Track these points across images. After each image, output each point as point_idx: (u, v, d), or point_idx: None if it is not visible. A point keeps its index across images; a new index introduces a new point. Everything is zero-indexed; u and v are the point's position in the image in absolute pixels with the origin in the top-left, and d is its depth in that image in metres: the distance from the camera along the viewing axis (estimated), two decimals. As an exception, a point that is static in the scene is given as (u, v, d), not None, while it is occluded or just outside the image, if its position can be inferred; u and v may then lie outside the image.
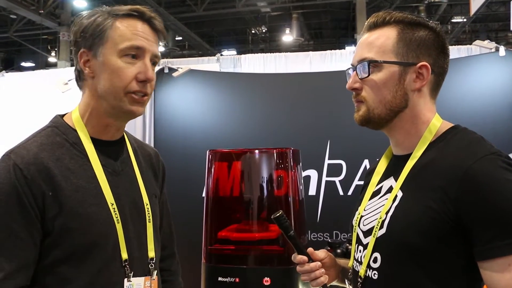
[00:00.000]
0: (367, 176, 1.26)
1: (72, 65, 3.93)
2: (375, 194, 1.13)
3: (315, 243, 3.50)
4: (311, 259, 1.17)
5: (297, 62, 4.57)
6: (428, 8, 13.46)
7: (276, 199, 2.79)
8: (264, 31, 16.17)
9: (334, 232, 3.57)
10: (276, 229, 2.67)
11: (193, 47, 16.16)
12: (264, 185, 2.81)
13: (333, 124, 3.69)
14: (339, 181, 3.65)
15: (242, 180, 2.88)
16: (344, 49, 6.39)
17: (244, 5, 12.54)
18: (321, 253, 1.21)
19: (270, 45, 17.01)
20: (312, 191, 3.66)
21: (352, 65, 1.11)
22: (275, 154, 2.79)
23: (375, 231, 1.03)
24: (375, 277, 1.03)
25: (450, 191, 0.92)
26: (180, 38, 14.81)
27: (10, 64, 17.75)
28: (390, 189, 1.08)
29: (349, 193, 3.60)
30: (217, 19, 14.38)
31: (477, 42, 3.89)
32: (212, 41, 16.58)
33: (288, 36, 14.78)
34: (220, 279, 2.61)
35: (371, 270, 1.05)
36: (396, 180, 1.07)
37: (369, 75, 1.05)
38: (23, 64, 17.79)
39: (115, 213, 1.11)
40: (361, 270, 1.07)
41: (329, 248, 2.67)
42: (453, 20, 14.76)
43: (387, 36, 1.06)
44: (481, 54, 3.74)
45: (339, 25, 15.67)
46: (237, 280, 2.58)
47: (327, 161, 3.68)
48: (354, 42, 13.28)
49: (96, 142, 1.15)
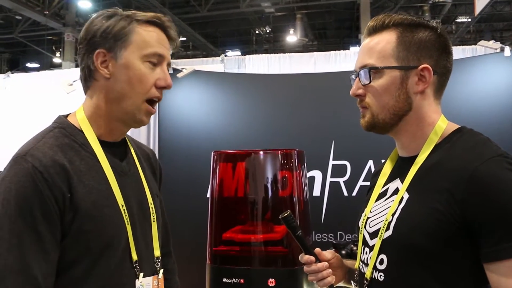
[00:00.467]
0: (373, 177, 1.27)
1: (77, 66, 3.95)
2: (381, 196, 1.13)
3: (320, 244, 3.49)
4: (318, 259, 1.18)
5: (301, 62, 4.57)
6: (433, 8, 13.40)
7: (280, 200, 2.78)
8: (268, 31, 16.16)
9: (339, 232, 3.57)
10: (280, 230, 2.67)
11: (197, 48, 16.18)
12: (269, 186, 2.80)
13: (338, 124, 3.68)
14: (344, 181, 3.65)
15: (247, 181, 2.88)
16: (349, 49, 6.39)
17: (248, 6, 12.55)
18: (328, 254, 1.22)
19: (274, 45, 17.03)
20: (316, 192, 3.66)
21: (354, 71, 1.11)
22: (279, 155, 2.79)
23: (381, 233, 1.03)
24: (381, 278, 1.04)
25: (456, 193, 0.92)
26: (184, 38, 14.80)
27: (15, 65, 17.85)
28: (396, 191, 1.08)
29: (354, 193, 3.59)
30: (221, 19, 14.41)
31: (482, 42, 3.87)
32: (216, 41, 16.58)
33: (292, 37, 14.77)
34: (225, 280, 2.61)
35: (377, 271, 1.05)
36: (402, 182, 1.06)
37: (370, 81, 1.05)
38: (28, 65, 17.87)
39: (125, 214, 1.12)
40: (367, 271, 1.07)
41: (334, 249, 2.67)
42: (457, 20, 14.71)
43: (387, 41, 1.05)
44: (486, 55, 3.72)
45: (343, 25, 15.64)
46: (242, 281, 2.58)
47: (331, 162, 3.67)
48: (358, 42, 13.25)
49: (102, 144, 1.15)
